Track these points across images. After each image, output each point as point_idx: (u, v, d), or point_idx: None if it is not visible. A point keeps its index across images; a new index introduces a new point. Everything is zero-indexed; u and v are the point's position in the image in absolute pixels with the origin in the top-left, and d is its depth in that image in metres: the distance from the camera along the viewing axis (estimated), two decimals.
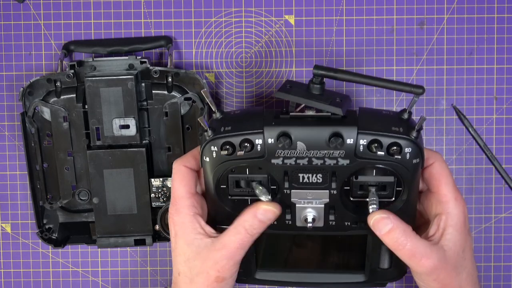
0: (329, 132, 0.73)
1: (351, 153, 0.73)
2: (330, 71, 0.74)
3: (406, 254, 0.75)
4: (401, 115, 0.75)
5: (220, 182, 0.78)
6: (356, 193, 0.78)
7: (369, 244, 0.82)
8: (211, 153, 0.75)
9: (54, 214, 0.94)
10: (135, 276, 0.97)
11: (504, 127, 0.93)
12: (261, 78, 0.94)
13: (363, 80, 0.74)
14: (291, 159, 0.74)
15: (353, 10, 0.92)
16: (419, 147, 0.73)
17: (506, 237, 0.95)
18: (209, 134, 0.75)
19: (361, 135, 0.73)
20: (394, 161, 0.73)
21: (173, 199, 0.79)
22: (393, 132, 0.73)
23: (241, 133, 0.74)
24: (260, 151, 0.74)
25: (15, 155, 0.95)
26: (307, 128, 0.73)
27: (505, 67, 0.92)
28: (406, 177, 0.75)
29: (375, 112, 0.78)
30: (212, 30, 0.93)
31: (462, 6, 0.92)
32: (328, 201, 0.77)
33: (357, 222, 0.78)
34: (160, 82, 0.90)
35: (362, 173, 0.76)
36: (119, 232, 0.92)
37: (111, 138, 0.89)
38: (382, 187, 0.77)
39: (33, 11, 0.93)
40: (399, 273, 0.84)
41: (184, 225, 0.78)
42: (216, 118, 0.77)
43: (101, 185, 0.90)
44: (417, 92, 0.72)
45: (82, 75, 0.89)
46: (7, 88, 0.94)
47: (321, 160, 0.74)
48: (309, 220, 0.77)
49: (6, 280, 0.97)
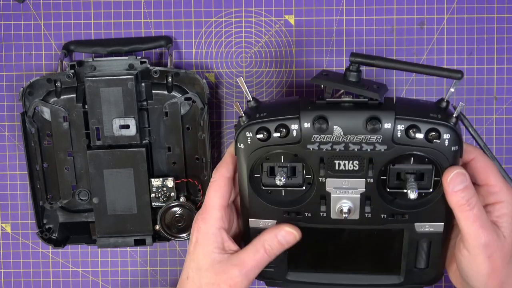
0: (367, 116, 0.72)
1: (388, 139, 0.72)
2: (367, 58, 0.73)
3: (471, 218, 0.73)
4: (439, 104, 0.74)
5: (254, 171, 0.77)
6: (393, 183, 0.76)
7: (406, 240, 0.79)
8: (246, 139, 0.75)
9: (54, 214, 0.94)
10: (135, 276, 0.97)
11: (504, 127, 0.93)
12: (261, 78, 0.94)
13: (400, 66, 0.73)
14: (327, 145, 0.73)
15: (353, 10, 0.92)
16: (457, 134, 0.72)
17: None
18: (244, 120, 0.74)
19: (399, 120, 0.71)
20: (433, 147, 0.72)
21: (204, 206, 0.79)
22: (431, 118, 0.72)
23: (277, 118, 0.74)
24: (296, 136, 0.73)
25: (15, 155, 0.95)
26: (344, 113, 0.72)
27: (505, 67, 0.92)
28: (445, 164, 0.73)
29: (413, 100, 0.77)
30: (212, 30, 0.93)
31: (462, 6, 0.92)
32: (364, 191, 0.75)
33: (394, 214, 0.76)
34: (160, 82, 0.90)
35: (400, 162, 0.75)
36: (119, 232, 0.92)
37: (111, 138, 0.89)
38: (419, 175, 0.75)
39: (33, 11, 0.93)
40: (436, 275, 0.81)
41: (207, 235, 0.79)
42: (251, 106, 0.76)
43: (101, 185, 0.90)
44: (455, 76, 0.72)
45: (82, 75, 0.89)
46: (7, 88, 0.94)
47: (358, 145, 0.72)
48: (344, 210, 0.76)
49: (6, 280, 0.97)
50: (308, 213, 0.77)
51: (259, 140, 0.74)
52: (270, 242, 0.78)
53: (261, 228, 0.79)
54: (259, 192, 0.78)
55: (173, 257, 0.97)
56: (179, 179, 0.92)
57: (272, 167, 0.77)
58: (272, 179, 0.77)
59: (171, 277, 0.97)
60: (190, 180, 0.92)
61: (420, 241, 0.78)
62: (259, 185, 0.78)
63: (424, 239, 0.78)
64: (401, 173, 0.75)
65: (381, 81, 0.87)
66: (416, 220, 0.77)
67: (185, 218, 0.92)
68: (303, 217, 0.78)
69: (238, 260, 0.78)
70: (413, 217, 0.76)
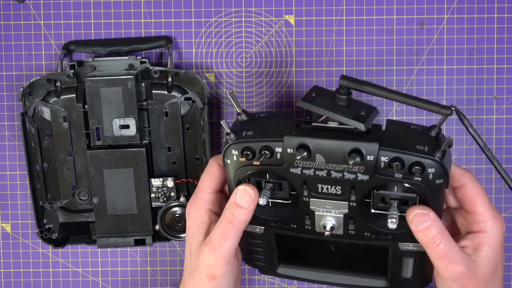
0: (349, 147, 0.71)
1: (371, 169, 0.71)
2: (356, 83, 0.72)
3: (438, 254, 0.73)
4: (430, 131, 0.73)
5: (242, 182, 0.77)
6: (377, 205, 0.75)
7: (390, 255, 0.80)
8: (232, 156, 0.75)
9: (54, 214, 0.94)
10: (135, 276, 0.97)
11: (504, 127, 0.93)
12: (261, 78, 0.94)
13: (389, 95, 0.72)
14: (310, 170, 0.73)
15: (353, 10, 0.92)
16: (443, 168, 0.71)
17: (506, 237, 0.95)
18: (232, 137, 0.75)
19: (382, 151, 0.70)
20: (416, 181, 0.71)
21: (196, 190, 0.79)
22: (417, 151, 0.70)
23: (262, 139, 0.74)
24: (280, 159, 0.73)
25: (15, 155, 0.95)
26: (327, 141, 0.71)
27: (505, 67, 0.92)
28: (428, 196, 0.72)
29: (403, 126, 0.75)
30: (212, 30, 0.93)
31: (462, 6, 0.92)
32: (347, 212, 0.75)
33: (377, 233, 0.76)
34: (160, 82, 0.90)
35: (383, 188, 0.74)
36: (119, 232, 0.92)
37: (111, 138, 0.89)
38: (404, 201, 0.74)
39: (33, 11, 0.93)
40: (421, 284, 0.82)
41: (195, 217, 0.79)
42: (241, 119, 0.77)
43: (101, 185, 0.90)
44: (445, 113, 0.70)
45: (82, 75, 0.89)
46: (7, 88, 0.94)
47: (340, 173, 0.72)
48: (327, 228, 0.76)
49: (6, 280, 0.97)
50: (294, 225, 0.78)
51: (243, 160, 0.74)
52: (229, 210, 0.76)
53: (251, 232, 0.81)
54: None
55: (173, 257, 0.97)
56: (179, 179, 0.92)
57: (259, 181, 0.77)
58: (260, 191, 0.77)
59: (171, 277, 0.97)
60: (190, 180, 0.92)
61: (405, 257, 0.78)
62: None
63: (408, 255, 0.79)
64: (386, 198, 0.75)
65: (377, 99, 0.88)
66: (399, 240, 0.77)
67: (185, 218, 0.92)
68: (290, 228, 0.78)
69: (208, 238, 0.77)
70: (397, 237, 0.77)
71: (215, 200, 0.79)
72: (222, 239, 0.76)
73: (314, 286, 0.98)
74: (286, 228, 0.79)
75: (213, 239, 0.76)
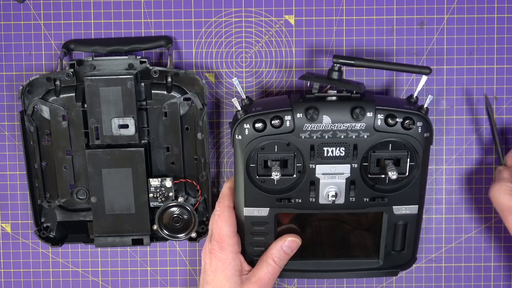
0: (352, 106, 0.81)
1: (370, 126, 0.82)
2: (347, 59, 0.84)
3: None
4: (410, 98, 0.85)
5: (249, 161, 0.84)
6: (373, 169, 0.85)
7: (385, 223, 0.88)
8: (244, 131, 0.83)
9: (52, 213, 0.94)
10: (135, 276, 0.97)
11: (504, 127, 0.93)
12: (261, 78, 0.94)
13: (375, 64, 0.84)
14: (317, 133, 0.82)
15: (353, 10, 0.92)
16: (428, 122, 0.83)
17: (506, 237, 0.95)
18: (241, 114, 0.83)
19: (378, 110, 0.82)
20: (408, 133, 0.82)
21: (218, 237, 0.87)
22: (406, 109, 0.82)
23: (272, 111, 0.82)
24: (289, 126, 0.82)
25: (15, 155, 0.95)
26: (332, 104, 0.82)
27: (505, 67, 0.92)
28: (418, 149, 0.83)
29: (388, 96, 0.90)
30: (212, 30, 0.93)
31: (462, 6, 0.92)
32: (349, 175, 0.84)
33: (375, 198, 0.85)
34: (160, 82, 0.90)
35: (379, 149, 0.84)
36: (117, 232, 0.92)
37: (110, 138, 0.89)
38: (396, 161, 0.85)
39: (33, 11, 0.93)
40: (411, 258, 0.90)
41: (227, 261, 0.86)
42: (245, 104, 0.85)
43: (99, 185, 0.90)
44: (424, 72, 0.83)
45: (81, 74, 0.90)
46: (7, 88, 0.94)
47: (344, 133, 0.82)
48: (332, 194, 0.84)
49: (6, 280, 0.97)
50: (299, 199, 0.86)
51: (256, 130, 0.82)
52: (277, 254, 0.87)
53: (256, 216, 0.87)
54: (254, 181, 0.85)
55: (173, 257, 0.97)
56: (178, 179, 0.92)
57: (266, 160, 0.84)
58: (266, 170, 0.85)
59: (171, 277, 0.97)
60: (189, 181, 0.92)
61: (398, 224, 0.87)
62: (254, 175, 0.85)
63: (401, 222, 0.87)
64: (381, 160, 0.85)
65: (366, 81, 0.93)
66: (394, 203, 0.86)
67: (183, 219, 0.92)
68: (294, 203, 0.86)
69: (255, 277, 0.87)
70: (391, 201, 0.86)
71: (238, 242, 0.88)
72: (272, 278, 0.87)
73: (314, 286, 0.97)
74: (291, 204, 0.86)
75: (263, 279, 0.87)
